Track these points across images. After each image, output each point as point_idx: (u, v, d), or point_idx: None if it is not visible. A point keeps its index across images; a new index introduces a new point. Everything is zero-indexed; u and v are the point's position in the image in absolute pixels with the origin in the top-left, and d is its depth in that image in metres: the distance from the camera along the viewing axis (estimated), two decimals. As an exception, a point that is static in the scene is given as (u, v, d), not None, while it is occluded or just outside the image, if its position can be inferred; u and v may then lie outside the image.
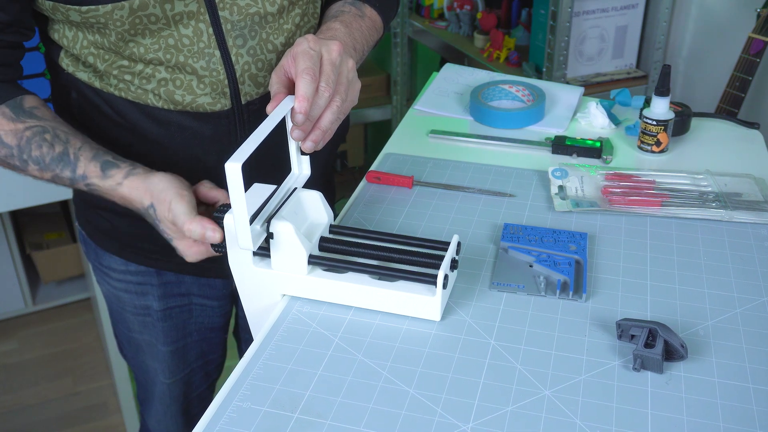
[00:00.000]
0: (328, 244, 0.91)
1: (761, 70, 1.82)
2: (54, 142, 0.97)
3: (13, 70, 1.02)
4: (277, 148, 1.13)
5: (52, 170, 0.97)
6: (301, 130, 0.89)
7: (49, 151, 0.97)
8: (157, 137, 1.05)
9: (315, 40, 0.93)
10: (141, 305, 1.22)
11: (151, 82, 1.01)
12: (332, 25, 1.05)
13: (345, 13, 1.10)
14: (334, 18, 1.08)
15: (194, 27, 0.99)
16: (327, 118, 0.92)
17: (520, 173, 1.17)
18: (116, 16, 0.94)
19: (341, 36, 1.03)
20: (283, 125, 0.91)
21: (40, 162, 0.97)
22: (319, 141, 0.92)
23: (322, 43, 0.93)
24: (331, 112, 0.92)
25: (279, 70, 0.93)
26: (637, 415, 0.75)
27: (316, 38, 0.93)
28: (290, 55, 0.92)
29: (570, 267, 0.94)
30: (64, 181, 0.99)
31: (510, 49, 2.25)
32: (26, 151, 0.97)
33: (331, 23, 1.06)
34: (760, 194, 1.09)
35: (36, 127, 0.98)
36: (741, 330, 0.86)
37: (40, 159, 0.97)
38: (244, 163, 0.79)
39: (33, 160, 0.97)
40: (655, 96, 1.18)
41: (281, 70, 0.93)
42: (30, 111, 0.99)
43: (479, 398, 0.77)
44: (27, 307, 2.66)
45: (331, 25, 1.06)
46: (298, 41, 0.93)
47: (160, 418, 1.39)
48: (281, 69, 0.93)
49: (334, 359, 0.82)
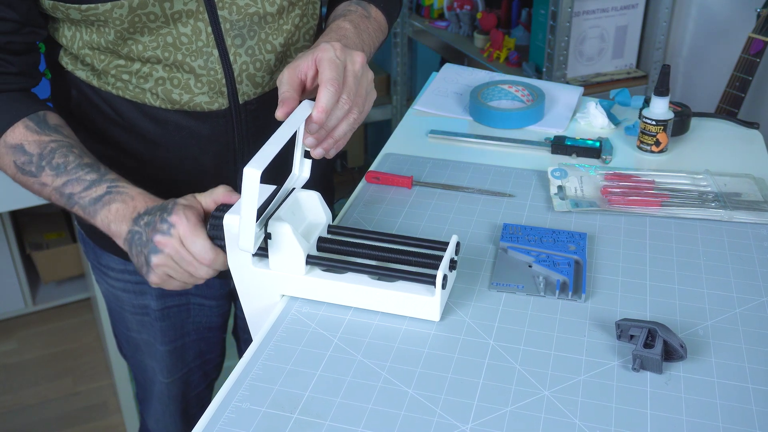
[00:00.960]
0: (327, 245, 0.91)
1: (761, 70, 1.82)
2: (83, 154, 0.96)
3: (29, 77, 1.01)
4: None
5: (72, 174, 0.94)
6: (314, 137, 0.90)
7: (76, 159, 0.95)
8: (155, 136, 1.05)
9: (341, 48, 0.91)
10: (139, 304, 1.22)
11: (149, 81, 1.01)
12: (342, 24, 1.04)
13: (353, 12, 1.09)
14: (342, 17, 1.07)
15: (193, 26, 0.99)
16: (342, 129, 0.92)
17: (520, 173, 1.17)
18: (116, 14, 0.94)
19: (351, 36, 1.02)
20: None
21: (59, 168, 0.94)
22: (330, 149, 0.92)
23: (347, 53, 0.92)
24: (347, 123, 0.92)
25: (293, 69, 0.91)
26: (637, 415, 0.75)
27: (342, 47, 0.91)
28: (312, 58, 0.90)
29: (569, 267, 0.94)
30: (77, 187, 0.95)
31: (510, 49, 2.25)
32: (47, 158, 0.95)
33: (340, 22, 1.05)
34: (760, 194, 1.09)
35: (63, 141, 0.97)
36: (740, 330, 0.86)
37: (61, 165, 0.94)
38: (249, 152, 0.78)
39: (52, 166, 0.95)
40: (655, 96, 1.18)
41: (296, 70, 0.91)
42: (55, 128, 0.98)
43: (478, 398, 0.77)
44: (27, 307, 2.66)
45: (341, 24, 1.04)
46: (323, 46, 0.90)
47: (158, 417, 1.39)
48: (296, 69, 0.91)
49: (334, 359, 0.82)
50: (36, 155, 0.95)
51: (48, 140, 0.96)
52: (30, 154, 0.96)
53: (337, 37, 1.01)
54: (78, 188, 0.94)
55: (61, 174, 0.95)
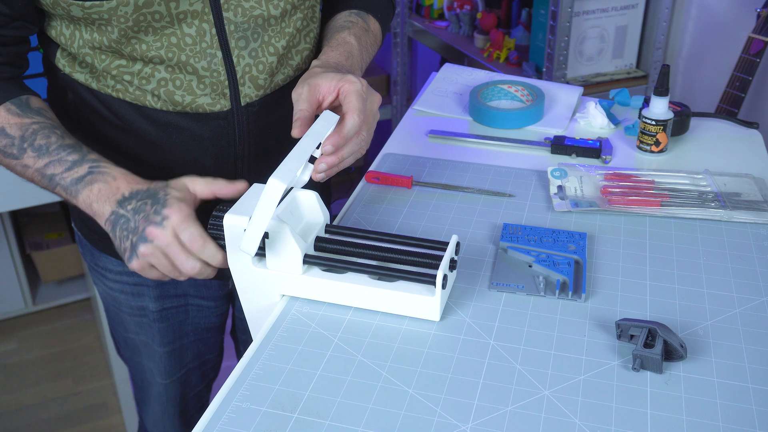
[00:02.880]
0: (324, 244, 0.91)
1: (761, 70, 1.82)
2: (65, 135, 0.97)
3: (17, 67, 1.01)
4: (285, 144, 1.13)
5: (54, 156, 0.94)
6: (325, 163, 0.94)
7: (58, 140, 0.96)
8: (155, 138, 1.05)
9: (367, 86, 0.97)
10: (137, 306, 1.22)
11: (151, 83, 1.01)
12: (348, 40, 1.08)
13: (355, 25, 1.12)
14: (346, 30, 1.10)
15: (197, 26, 0.99)
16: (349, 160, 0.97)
17: (520, 173, 1.17)
18: (120, 12, 0.94)
19: (356, 54, 1.08)
20: (290, 120, 0.92)
21: (41, 149, 0.95)
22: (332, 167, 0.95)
23: (370, 91, 0.98)
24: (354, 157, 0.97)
25: (314, 88, 0.95)
26: (637, 415, 0.75)
27: (367, 84, 0.97)
28: (336, 85, 0.95)
29: (569, 267, 0.94)
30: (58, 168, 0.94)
31: (510, 49, 2.25)
32: (29, 140, 0.95)
33: (346, 36, 1.09)
34: (760, 194, 1.09)
35: (45, 122, 0.97)
36: (740, 330, 0.86)
37: (43, 147, 0.95)
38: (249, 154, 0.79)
39: (34, 148, 0.95)
40: (655, 96, 1.18)
41: (316, 89, 0.95)
42: (38, 110, 0.98)
43: (478, 398, 0.77)
44: (27, 307, 2.66)
45: (347, 39, 1.08)
46: (349, 78, 0.95)
47: (157, 419, 1.38)
48: (317, 89, 0.95)
49: (334, 359, 0.82)
50: (18, 138, 0.96)
51: (30, 122, 0.96)
52: (11, 136, 0.96)
53: (345, 53, 1.06)
54: (60, 169, 0.95)
55: (43, 155, 0.95)
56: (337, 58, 1.05)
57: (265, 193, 0.81)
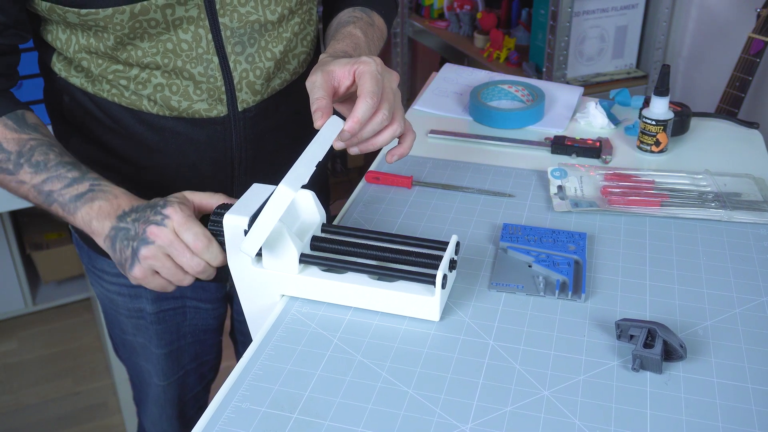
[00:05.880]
0: (321, 244, 0.91)
1: (761, 70, 1.82)
2: (63, 153, 0.96)
3: (8, 78, 1.00)
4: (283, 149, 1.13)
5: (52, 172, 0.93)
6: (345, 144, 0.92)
7: (57, 157, 0.94)
8: (151, 143, 1.05)
9: (382, 64, 0.94)
10: (134, 308, 1.21)
11: (147, 88, 1.00)
12: (354, 32, 1.07)
13: (359, 20, 1.11)
14: (351, 24, 1.09)
15: (193, 32, 0.98)
16: (384, 139, 0.95)
17: (520, 173, 1.17)
18: (116, 20, 0.93)
19: (363, 45, 1.06)
20: (287, 124, 0.92)
21: (39, 165, 0.94)
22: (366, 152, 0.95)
23: (386, 70, 0.95)
24: (390, 133, 0.95)
25: (328, 75, 0.93)
26: (636, 415, 0.75)
27: (382, 63, 0.94)
28: (351, 69, 0.93)
29: (569, 267, 0.94)
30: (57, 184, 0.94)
31: (510, 49, 2.25)
32: (26, 155, 0.94)
33: (351, 29, 1.07)
34: (760, 194, 1.09)
35: (42, 139, 0.96)
36: (740, 330, 0.86)
37: (41, 163, 0.94)
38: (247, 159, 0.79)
39: (31, 164, 0.94)
40: (655, 96, 1.18)
41: (331, 76, 0.93)
42: (34, 126, 0.97)
43: (478, 398, 0.77)
44: (27, 307, 2.66)
45: (352, 32, 1.07)
46: (364, 59, 0.93)
47: (155, 420, 1.38)
48: (331, 75, 0.93)
49: (333, 359, 0.82)
50: (14, 153, 0.95)
51: (27, 138, 0.95)
52: (8, 151, 0.95)
53: (352, 44, 1.04)
54: (58, 185, 0.94)
55: (41, 171, 0.94)
56: (345, 48, 1.03)
57: (274, 199, 0.81)
